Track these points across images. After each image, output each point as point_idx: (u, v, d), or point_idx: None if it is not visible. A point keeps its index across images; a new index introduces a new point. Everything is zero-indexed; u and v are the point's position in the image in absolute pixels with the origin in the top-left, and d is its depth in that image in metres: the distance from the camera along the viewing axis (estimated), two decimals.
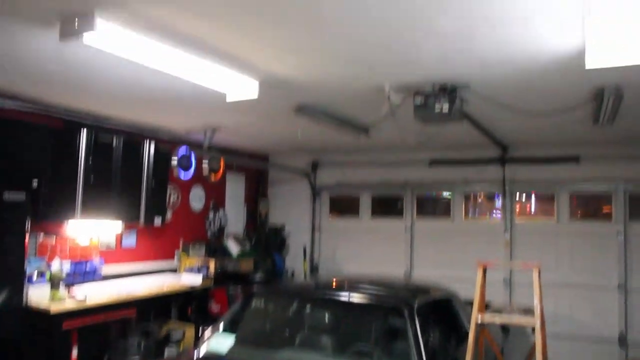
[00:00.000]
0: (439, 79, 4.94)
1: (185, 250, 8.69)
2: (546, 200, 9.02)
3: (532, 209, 9.27)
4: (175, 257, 8.64)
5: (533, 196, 9.22)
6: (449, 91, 4.97)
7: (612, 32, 3.41)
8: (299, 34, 3.97)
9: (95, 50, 3.99)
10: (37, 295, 5.95)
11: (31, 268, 6.05)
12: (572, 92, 5.23)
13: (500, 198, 9.05)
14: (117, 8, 3.44)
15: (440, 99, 4.96)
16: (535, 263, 6.58)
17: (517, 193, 9.10)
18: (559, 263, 8.51)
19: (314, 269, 10.34)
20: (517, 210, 9.13)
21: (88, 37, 3.57)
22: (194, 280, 7.84)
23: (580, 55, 3.97)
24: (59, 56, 4.42)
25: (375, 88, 5.21)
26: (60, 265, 6.37)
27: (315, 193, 10.47)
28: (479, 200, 9.67)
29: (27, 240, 5.84)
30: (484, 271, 6.85)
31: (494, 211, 9.37)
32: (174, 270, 8.50)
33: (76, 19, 3.41)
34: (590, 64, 4.03)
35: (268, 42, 4.13)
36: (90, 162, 6.62)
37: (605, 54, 3.87)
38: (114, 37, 3.70)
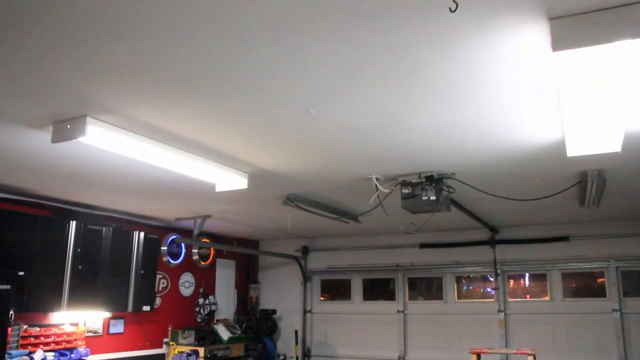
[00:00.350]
0: (425, 169, 5.03)
1: (174, 337, 8.50)
2: (539, 280, 8.97)
3: (525, 289, 9.20)
4: (164, 344, 8.44)
5: (526, 276, 9.16)
6: (435, 181, 5.04)
7: (589, 122, 3.51)
8: (284, 135, 4.09)
9: (86, 145, 4.06)
10: None
11: None
12: (556, 178, 5.33)
13: (493, 279, 8.99)
14: (106, 113, 3.53)
15: (427, 189, 5.02)
16: (531, 349, 6.51)
17: (509, 273, 9.04)
18: (557, 343, 8.36)
19: (306, 353, 10.11)
20: (511, 289, 9.05)
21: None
22: None
23: (561, 144, 4.09)
24: (50, 152, 4.48)
25: (362, 178, 5.29)
26: (43, 357, 6.20)
27: (306, 277, 10.39)
28: (472, 280, 9.60)
29: (9, 331, 5.71)
30: (478, 357, 6.74)
31: (487, 290, 9.28)
32: (162, 358, 8.28)
33: (68, 125, 3.49)
34: (571, 151, 4.14)
35: (255, 141, 4.23)
36: (78, 251, 6.59)
37: (585, 142, 3.99)
38: (104, 137, 3.77)
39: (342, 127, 3.88)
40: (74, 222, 6.62)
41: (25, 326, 6.32)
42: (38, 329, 6.47)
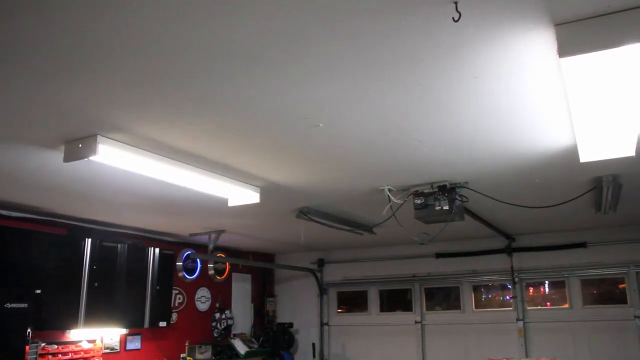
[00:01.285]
0: (437, 179, 5.00)
1: (191, 352, 8.50)
2: (557, 287, 8.86)
3: (544, 296, 9.08)
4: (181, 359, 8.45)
5: (544, 283, 9.05)
6: (448, 190, 5.02)
7: (600, 126, 3.48)
8: (294, 149, 4.10)
9: (98, 164, 4.09)
10: None
11: None
12: (570, 184, 5.27)
13: (511, 287, 8.89)
14: (117, 132, 3.57)
15: (440, 198, 5.00)
16: (551, 358, 6.40)
17: (527, 281, 8.94)
18: (578, 351, 8.20)
19: None
20: (529, 297, 8.94)
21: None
22: None
23: (573, 150, 4.05)
24: (63, 171, 4.52)
25: (375, 190, 5.28)
26: None
27: (322, 290, 10.35)
28: (489, 289, 9.51)
29: (27, 350, 5.75)
30: None
31: (505, 299, 9.17)
32: None
33: (79, 145, 3.52)
34: (584, 157, 4.10)
35: (265, 155, 4.25)
36: (94, 268, 6.63)
37: (598, 148, 3.95)
38: (115, 155, 3.80)
39: (351, 139, 3.88)
40: (90, 240, 6.66)
41: (43, 344, 6.35)
42: (55, 346, 6.51)
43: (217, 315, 9.26)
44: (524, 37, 2.51)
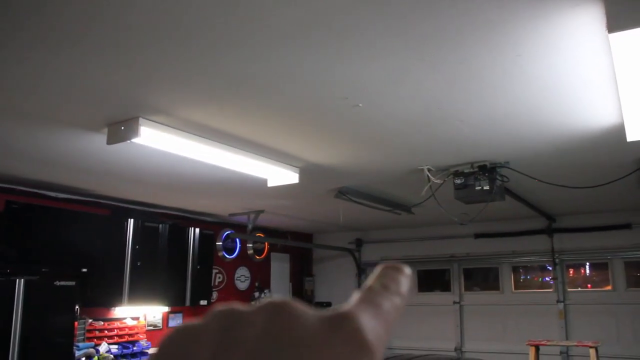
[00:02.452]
0: (477, 159, 4.94)
1: None
2: (600, 269, 8.70)
3: (586, 278, 8.93)
4: None
5: (586, 265, 8.89)
6: (488, 170, 4.95)
7: None
8: (334, 129, 4.09)
9: (140, 146, 4.16)
10: None
11: (79, 352, 6.13)
12: (615, 164, 5.14)
13: (551, 268, 8.76)
14: (158, 114, 3.61)
15: (480, 178, 4.93)
16: (592, 342, 6.30)
17: (568, 262, 8.79)
18: (621, 334, 8.06)
19: None
20: (570, 279, 8.81)
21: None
22: None
23: (620, 129, 3.94)
24: (106, 153, 4.61)
25: (414, 170, 5.24)
26: (107, 349, 6.43)
27: (360, 269, 10.38)
28: (529, 270, 9.39)
29: (76, 325, 5.96)
30: (537, 349, 6.59)
31: (545, 280, 9.05)
32: None
33: (122, 127, 3.58)
34: (631, 136, 3.99)
35: (305, 136, 4.25)
36: (137, 247, 6.78)
37: None
38: (157, 137, 3.86)
39: (391, 119, 3.85)
40: (132, 220, 6.81)
41: (90, 320, 6.56)
42: (102, 322, 6.71)
43: (257, 294, 9.39)
44: (571, 12, 2.44)
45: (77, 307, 5.96)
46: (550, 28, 2.57)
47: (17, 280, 5.22)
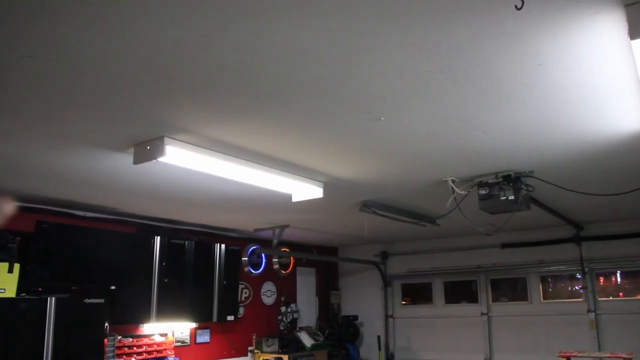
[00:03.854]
0: (501, 169, 4.91)
1: (259, 345, 8.67)
2: (632, 277, 8.53)
3: (617, 287, 8.76)
4: (249, 352, 8.63)
5: (617, 273, 8.72)
6: (512, 180, 4.92)
7: None
8: (356, 143, 4.12)
9: (165, 164, 4.22)
10: None
11: None
12: None
13: (580, 277, 8.62)
14: (183, 133, 3.68)
15: (505, 188, 4.91)
16: (626, 353, 6.16)
17: (598, 271, 8.64)
18: None
19: (389, 358, 10.06)
20: (601, 288, 8.65)
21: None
22: None
23: None
24: (132, 172, 4.69)
25: (438, 181, 5.23)
26: None
27: (386, 282, 10.34)
28: (558, 279, 9.25)
29: (105, 342, 6.04)
30: None
31: (576, 289, 8.89)
32: None
33: (148, 147, 3.65)
34: None
35: (328, 150, 4.28)
36: (164, 264, 6.85)
37: None
38: (182, 156, 3.91)
39: (413, 132, 3.86)
40: (158, 237, 6.89)
41: (119, 337, 6.63)
42: (131, 339, 6.77)
43: (283, 308, 9.40)
44: (591, 21, 2.43)
45: (106, 324, 6.04)
46: (570, 37, 2.57)
47: (49, 298, 5.32)
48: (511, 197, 4.87)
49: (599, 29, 2.50)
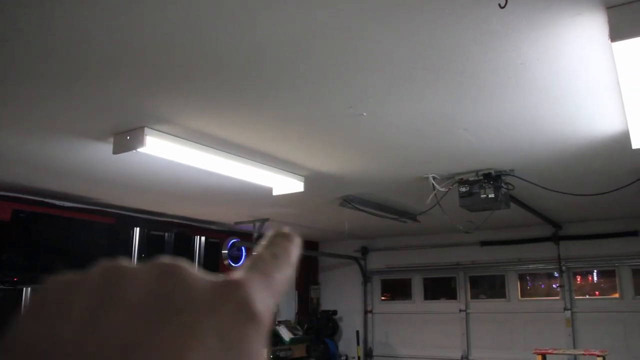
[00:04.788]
0: (482, 167, 4.94)
1: None
2: (607, 276, 8.64)
3: (593, 286, 8.87)
4: None
5: (593, 272, 8.84)
6: (493, 178, 4.95)
7: None
8: (339, 138, 4.10)
9: (145, 155, 4.18)
10: None
11: None
12: (621, 172, 5.13)
13: (558, 276, 8.72)
14: (163, 124, 3.64)
15: (485, 186, 4.93)
16: (600, 350, 6.26)
17: (575, 270, 8.74)
18: (629, 343, 7.97)
19: (367, 353, 10.10)
20: (577, 287, 8.75)
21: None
22: None
23: (625, 136, 3.93)
24: (111, 162, 4.64)
25: (419, 178, 5.25)
26: None
27: (366, 277, 10.37)
28: (535, 278, 9.35)
29: None
30: (544, 358, 6.55)
31: (553, 287, 8.99)
32: None
33: (127, 137, 3.61)
34: (636, 143, 3.98)
35: (310, 144, 4.27)
36: (143, 256, 6.80)
37: None
38: (162, 147, 3.88)
39: (396, 127, 3.86)
40: (138, 229, 6.83)
41: None
42: None
43: None
44: (573, 21, 2.45)
45: None
46: (552, 37, 2.58)
47: (24, 288, 5.24)
48: (491, 195, 4.90)
49: (581, 30, 2.52)
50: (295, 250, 0.40)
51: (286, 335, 9.13)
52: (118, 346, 0.28)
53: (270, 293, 0.35)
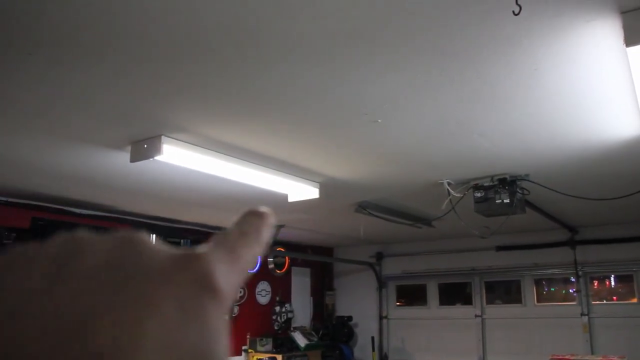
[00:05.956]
0: (497, 172, 4.94)
1: (253, 345, 8.68)
2: (625, 281, 8.55)
3: (611, 291, 8.78)
4: (243, 352, 8.63)
5: (611, 277, 8.75)
6: (508, 183, 4.94)
7: None
8: (354, 145, 4.13)
9: (162, 163, 4.23)
10: None
11: None
12: (637, 175, 5.09)
13: (574, 280, 8.65)
14: (180, 132, 3.68)
15: (500, 192, 4.93)
16: (619, 356, 6.19)
17: (592, 275, 8.66)
18: None
19: (383, 359, 10.08)
20: (595, 291, 8.67)
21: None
22: None
23: None
24: (128, 170, 4.69)
25: (434, 183, 5.25)
26: None
27: (381, 283, 10.36)
28: (552, 283, 9.28)
29: None
30: None
31: (570, 292, 8.92)
32: None
33: (145, 145, 3.66)
34: None
35: (325, 151, 4.30)
36: None
37: None
38: (179, 155, 3.92)
39: (410, 134, 3.88)
40: (154, 236, 6.86)
41: None
42: None
43: (277, 308, 9.41)
44: (587, 27, 2.45)
45: None
46: (566, 42, 2.59)
47: None
48: (506, 200, 4.89)
49: (595, 35, 2.53)
50: (266, 230, 0.39)
51: (301, 341, 9.15)
52: (74, 314, 0.27)
53: (235, 269, 0.34)
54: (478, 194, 5.03)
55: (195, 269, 0.31)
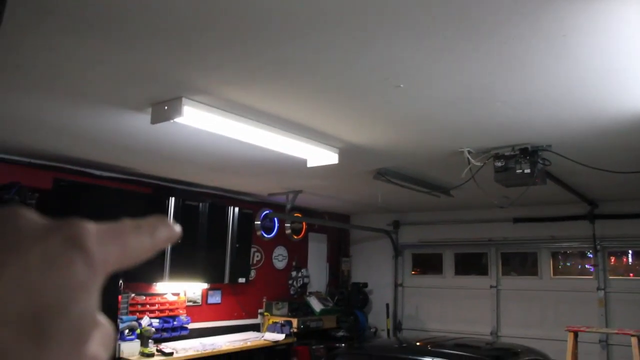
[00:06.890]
0: (519, 142, 4.88)
1: (269, 308, 8.80)
2: None
3: (628, 266, 8.73)
4: (259, 314, 8.76)
5: (629, 253, 8.69)
6: (529, 153, 4.89)
7: None
8: (374, 110, 4.09)
9: (182, 125, 4.24)
10: (128, 350, 6.23)
11: (123, 325, 6.35)
12: None
13: (592, 255, 8.60)
14: (201, 94, 3.68)
15: (521, 162, 4.88)
16: (634, 330, 6.18)
17: (610, 250, 8.61)
18: None
19: (397, 326, 10.18)
20: (612, 267, 8.63)
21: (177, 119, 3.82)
22: (276, 337, 7.92)
23: None
24: (149, 133, 4.72)
25: (454, 152, 5.21)
26: (149, 322, 6.64)
27: (397, 251, 10.40)
28: (569, 256, 9.25)
29: (119, 299, 6.17)
30: (575, 336, 6.51)
31: (586, 267, 8.89)
32: (258, 328, 8.62)
33: (165, 107, 3.66)
34: None
35: (345, 116, 4.27)
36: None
37: None
38: (199, 117, 3.93)
39: (432, 100, 3.84)
40: (173, 199, 6.95)
41: (132, 294, 6.76)
42: (144, 297, 6.91)
43: (294, 273, 9.51)
44: None
45: (120, 281, 6.15)
46: (596, 8, 2.52)
47: None
48: (527, 171, 4.85)
49: (627, 3, 2.45)
50: (162, 230, 0.40)
51: (317, 306, 9.26)
52: None
53: (113, 243, 0.36)
54: (498, 164, 4.98)
55: (67, 230, 0.33)
